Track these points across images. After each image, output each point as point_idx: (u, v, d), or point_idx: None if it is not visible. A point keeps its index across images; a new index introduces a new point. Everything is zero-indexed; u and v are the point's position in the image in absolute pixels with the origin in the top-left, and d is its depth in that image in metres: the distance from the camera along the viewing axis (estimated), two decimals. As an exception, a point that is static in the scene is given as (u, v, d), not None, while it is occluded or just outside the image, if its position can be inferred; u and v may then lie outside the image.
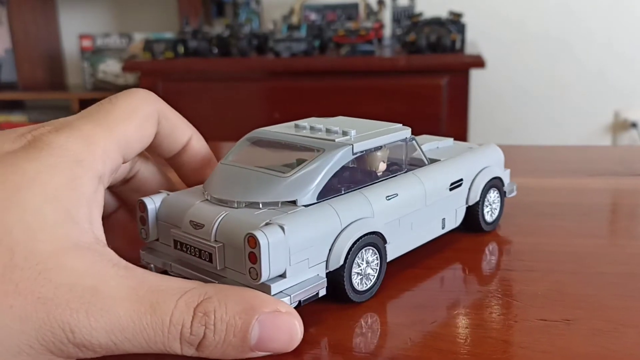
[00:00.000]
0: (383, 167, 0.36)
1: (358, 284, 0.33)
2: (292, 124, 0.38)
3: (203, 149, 0.37)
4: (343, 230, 0.32)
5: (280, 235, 0.29)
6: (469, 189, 0.41)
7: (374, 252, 0.33)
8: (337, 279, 0.32)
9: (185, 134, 0.36)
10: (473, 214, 0.41)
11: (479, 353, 0.29)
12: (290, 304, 0.29)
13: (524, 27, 1.90)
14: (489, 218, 0.43)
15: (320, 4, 1.91)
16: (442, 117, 1.44)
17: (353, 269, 0.32)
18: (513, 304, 0.34)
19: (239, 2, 1.98)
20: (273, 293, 0.29)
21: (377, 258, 0.34)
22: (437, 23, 1.50)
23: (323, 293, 0.31)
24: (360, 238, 0.32)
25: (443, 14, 1.59)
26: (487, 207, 0.42)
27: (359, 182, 0.35)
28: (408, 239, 0.37)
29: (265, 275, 0.28)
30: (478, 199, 0.41)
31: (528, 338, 0.30)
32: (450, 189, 0.39)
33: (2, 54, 2.22)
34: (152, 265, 0.34)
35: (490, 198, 0.43)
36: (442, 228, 0.39)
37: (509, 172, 0.45)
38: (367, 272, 0.33)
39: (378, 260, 0.34)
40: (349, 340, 0.30)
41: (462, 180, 0.40)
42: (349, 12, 1.88)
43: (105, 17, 2.26)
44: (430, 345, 0.30)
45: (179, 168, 0.38)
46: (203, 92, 1.58)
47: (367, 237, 0.33)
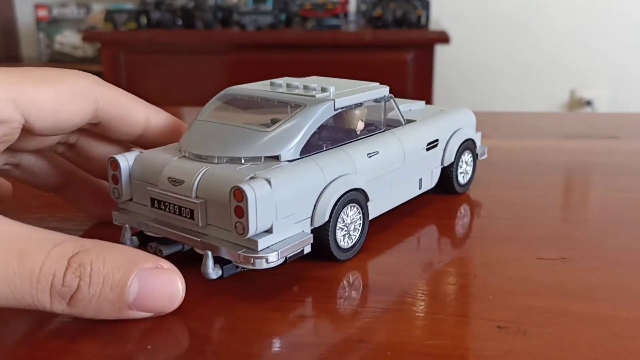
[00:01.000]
0: (361, 125, 0.36)
1: (342, 241, 0.32)
2: (267, 82, 0.37)
3: (167, 123, 0.36)
4: (327, 186, 0.31)
5: (267, 189, 0.28)
6: (444, 150, 0.41)
7: (357, 209, 0.33)
8: (321, 236, 0.31)
9: (140, 115, 0.34)
10: (447, 175, 0.41)
11: (484, 286, 0.31)
12: (278, 260, 0.28)
13: (486, 5, 1.93)
14: (462, 180, 0.43)
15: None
16: (407, 91, 1.43)
17: (337, 225, 0.32)
18: (511, 246, 0.36)
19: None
20: (260, 248, 0.28)
21: (360, 215, 0.33)
22: (403, -1, 1.51)
23: (308, 250, 0.31)
24: (345, 194, 0.32)
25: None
26: (460, 168, 0.42)
27: (340, 139, 0.34)
28: (388, 198, 0.36)
29: (253, 230, 0.27)
30: (453, 160, 0.41)
31: (528, 273, 0.32)
32: (427, 149, 0.39)
33: (-48, 25, 2.11)
34: (127, 226, 0.32)
35: (464, 160, 0.43)
36: (419, 188, 0.39)
37: (480, 134, 0.45)
38: (350, 229, 0.33)
39: (361, 218, 0.33)
40: (333, 299, 0.30)
41: (437, 141, 0.40)
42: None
43: (62, -15, 2.17)
44: (435, 290, 0.29)
45: (148, 145, 0.36)
46: (166, 64, 1.54)
47: (350, 193, 0.32)
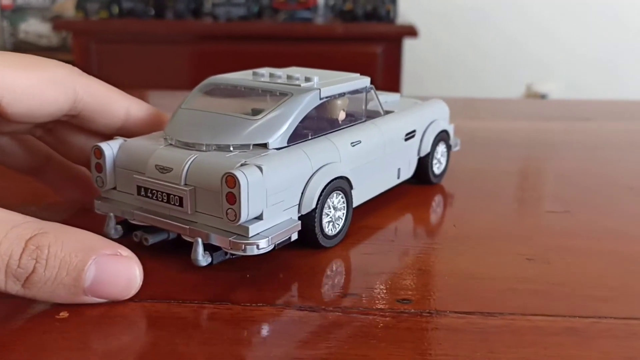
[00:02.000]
0: (343, 115, 0.36)
1: (327, 228, 0.33)
2: (249, 72, 0.37)
3: (147, 114, 0.35)
4: (314, 174, 0.32)
5: (259, 175, 0.28)
6: (421, 141, 0.42)
7: (342, 197, 0.33)
8: (308, 223, 0.32)
9: (121, 107, 0.34)
10: (424, 165, 0.42)
11: (509, 232, 0.38)
12: (268, 246, 0.29)
13: (448, 1, 1.97)
14: (437, 170, 0.44)
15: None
16: (377, 83, 1.42)
17: (323, 212, 0.32)
18: (522, 203, 0.44)
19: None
20: (251, 234, 0.28)
21: (344, 203, 0.34)
22: (372, -7, 1.55)
23: (295, 237, 0.31)
24: (331, 182, 0.32)
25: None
26: (435, 159, 0.43)
27: (323, 129, 0.35)
28: (369, 186, 0.37)
29: (245, 216, 0.28)
30: (429, 151, 0.42)
31: (543, 221, 0.40)
32: (405, 140, 0.40)
33: None
34: (111, 215, 0.32)
35: (438, 151, 0.44)
36: (397, 178, 0.40)
37: (454, 126, 0.46)
38: (336, 216, 0.33)
39: (345, 205, 0.34)
40: (318, 286, 0.30)
41: (415, 132, 0.41)
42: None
43: (27, -28, 2.10)
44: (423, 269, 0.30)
45: (130, 136, 0.36)
46: (138, 54, 1.51)
47: (335, 181, 0.33)
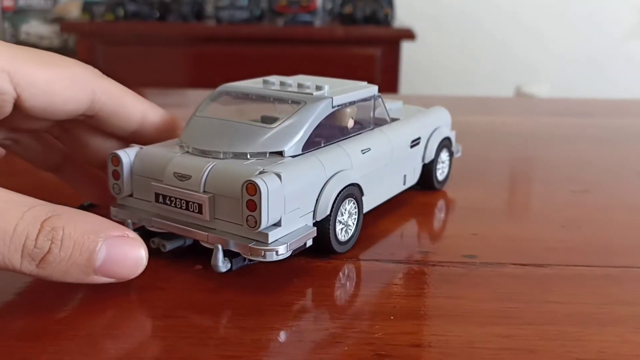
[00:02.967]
0: (352, 123, 0.37)
1: (340, 234, 0.33)
2: (259, 80, 0.38)
3: (162, 120, 0.36)
4: (328, 181, 0.32)
5: (278, 183, 0.29)
6: (425, 148, 0.43)
7: (354, 203, 0.34)
8: (322, 229, 0.32)
9: (136, 111, 0.35)
10: (428, 172, 0.43)
11: (542, 207, 0.45)
12: (287, 252, 0.29)
13: (441, 3, 2.01)
14: (440, 177, 0.45)
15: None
16: (376, 84, 1.46)
17: (337, 218, 0.33)
18: (544, 183, 0.51)
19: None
20: (270, 241, 0.29)
21: (356, 209, 0.34)
22: (370, -3, 1.59)
23: (310, 243, 0.32)
24: (344, 189, 0.33)
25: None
26: (439, 165, 0.44)
27: (334, 136, 0.35)
28: (378, 193, 0.38)
29: (265, 223, 0.28)
30: (433, 157, 0.43)
31: (569, 198, 0.46)
32: (411, 147, 0.41)
33: None
34: (129, 221, 0.33)
35: (442, 157, 0.45)
36: (403, 184, 0.41)
37: (455, 133, 0.47)
38: (348, 222, 0.34)
39: (357, 212, 0.35)
40: (331, 290, 0.31)
41: (420, 139, 0.42)
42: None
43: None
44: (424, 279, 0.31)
45: (144, 142, 0.36)
46: (143, 55, 1.54)
47: (348, 188, 0.33)
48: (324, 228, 0.32)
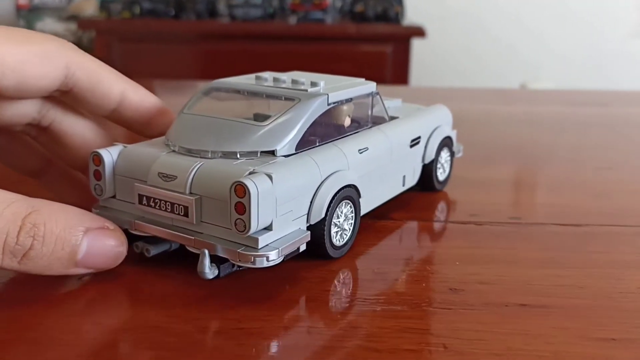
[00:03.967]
0: (349, 121, 0.35)
1: (335, 238, 0.32)
2: (252, 76, 0.36)
3: (145, 100, 0.34)
4: (323, 182, 0.30)
5: (268, 184, 0.27)
6: (425, 147, 0.41)
7: (350, 206, 0.32)
8: (317, 233, 0.30)
9: (116, 88, 0.33)
10: (428, 172, 0.41)
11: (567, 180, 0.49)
12: (278, 258, 0.27)
13: (444, 3, 2.01)
14: (441, 177, 0.43)
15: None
16: (387, 81, 1.52)
17: (333, 222, 0.31)
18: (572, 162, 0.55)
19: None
20: (260, 246, 0.27)
21: (352, 212, 0.33)
22: (381, -5, 1.63)
23: (303, 248, 0.30)
24: (340, 190, 0.31)
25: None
26: (439, 165, 0.43)
27: (330, 135, 0.33)
28: (376, 195, 0.36)
29: (254, 227, 0.26)
30: (433, 157, 0.41)
31: (596, 172, 0.51)
32: (411, 146, 0.39)
33: None
34: (110, 224, 0.31)
35: (443, 157, 0.43)
36: (402, 185, 0.39)
37: (456, 132, 0.45)
38: (344, 226, 0.32)
39: (353, 214, 0.33)
40: (326, 298, 0.29)
41: (420, 138, 0.40)
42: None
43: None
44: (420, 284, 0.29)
45: (124, 123, 0.35)
46: (158, 52, 1.57)
47: (344, 190, 0.31)
48: (319, 232, 0.30)
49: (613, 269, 0.32)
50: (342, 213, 0.32)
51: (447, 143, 0.43)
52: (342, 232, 0.32)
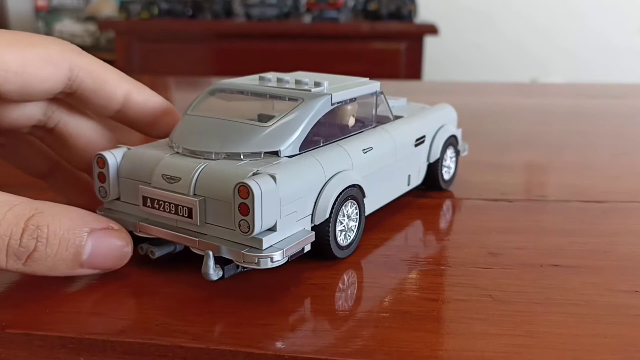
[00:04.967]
0: (353, 121, 0.35)
1: (340, 238, 0.31)
2: (255, 77, 0.36)
3: (150, 101, 0.34)
4: (327, 183, 0.30)
5: (272, 185, 0.27)
6: (430, 147, 0.41)
7: (355, 206, 0.32)
8: (321, 233, 0.30)
9: (120, 89, 0.33)
10: (433, 171, 0.41)
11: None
12: (282, 259, 0.27)
13: (456, 0, 2.03)
14: (446, 176, 0.43)
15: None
16: (400, 78, 1.54)
17: (337, 221, 0.31)
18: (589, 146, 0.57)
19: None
20: (265, 247, 0.27)
21: (357, 212, 0.33)
22: (394, -6, 1.66)
23: (308, 248, 0.30)
24: (344, 190, 0.31)
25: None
26: (444, 164, 0.42)
27: (334, 135, 0.33)
28: (381, 194, 0.36)
29: (258, 228, 0.26)
30: (439, 157, 0.41)
31: (610, 158, 0.54)
32: (415, 145, 0.39)
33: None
34: (115, 226, 0.31)
35: (447, 156, 0.43)
36: (407, 185, 0.39)
37: (461, 131, 0.45)
38: (349, 226, 0.32)
39: (358, 215, 0.33)
40: (331, 299, 0.29)
41: (425, 137, 0.40)
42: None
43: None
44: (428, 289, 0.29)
45: (132, 125, 0.35)
46: (177, 51, 1.61)
47: (348, 190, 0.31)
48: (323, 232, 0.30)
49: (634, 237, 0.36)
50: (346, 213, 0.32)
51: (452, 142, 0.43)
52: (347, 232, 0.32)
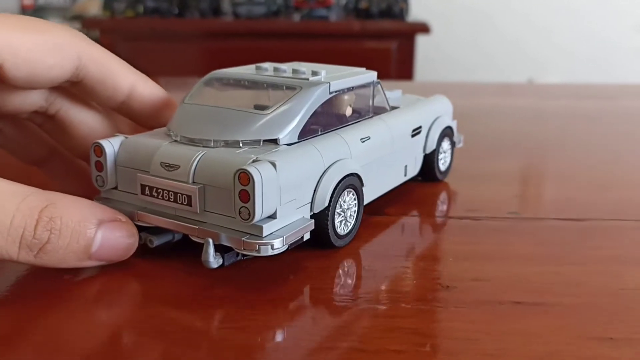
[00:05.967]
0: (350, 111, 0.35)
1: (339, 227, 0.31)
2: (252, 66, 0.36)
3: (154, 94, 0.34)
4: (326, 171, 0.30)
5: (272, 172, 0.27)
6: (426, 137, 0.41)
7: (353, 195, 0.32)
8: (321, 222, 0.30)
9: (126, 80, 0.33)
10: (430, 162, 0.41)
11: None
12: (282, 246, 0.27)
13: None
14: (442, 167, 0.43)
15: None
16: (391, 78, 1.52)
17: (336, 210, 0.31)
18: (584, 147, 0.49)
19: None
20: (265, 234, 0.27)
21: (355, 201, 0.33)
22: (386, -8, 1.63)
23: (307, 237, 0.30)
24: (343, 179, 0.31)
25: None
26: (440, 155, 0.43)
27: (332, 124, 0.33)
28: (378, 184, 0.36)
29: (259, 215, 0.26)
30: (435, 147, 0.41)
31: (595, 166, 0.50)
32: (412, 136, 0.39)
33: None
34: (113, 215, 0.30)
35: (443, 147, 0.43)
36: (404, 175, 0.39)
37: (456, 122, 0.45)
38: (347, 215, 0.32)
39: (356, 204, 0.33)
40: (330, 288, 0.29)
41: (421, 128, 0.40)
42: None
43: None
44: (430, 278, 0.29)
45: (132, 116, 0.35)
46: (163, 51, 1.58)
47: (347, 178, 0.31)
48: (322, 221, 0.30)
49: (612, 265, 0.31)
50: (345, 202, 0.32)
51: (447, 133, 0.43)
52: (345, 220, 0.32)
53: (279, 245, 0.27)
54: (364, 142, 0.34)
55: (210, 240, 0.27)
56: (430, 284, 0.29)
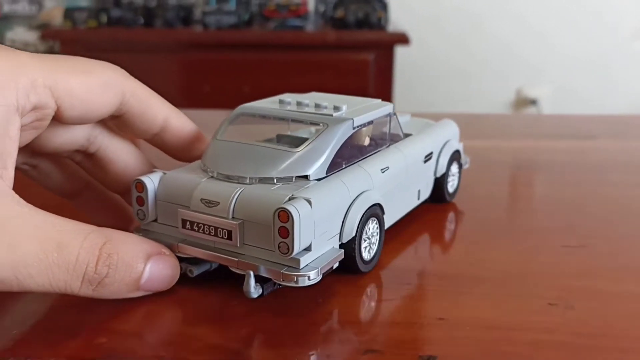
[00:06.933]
0: (368, 141, 0.37)
1: (364, 254, 0.34)
2: (275, 99, 0.38)
3: (186, 128, 0.36)
4: (353, 203, 0.33)
5: (308, 209, 0.29)
6: (437, 162, 0.43)
7: (376, 223, 0.35)
8: (349, 250, 0.32)
9: (160, 114, 0.35)
10: (440, 185, 0.44)
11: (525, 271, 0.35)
12: (318, 276, 0.30)
13: (441, 3, 1.96)
14: (451, 189, 0.45)
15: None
16: (369, 91, 1.47)
17: (362, 238, 0.33)
18: (534, 236, 0.41)
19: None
20: (302, 266, 0.29)
21: (378, 228, 0.35)
22: (363, 0, 1.55)
23: (336, 265, 0.32)
24: (367, 209, 0.33)
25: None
26: (449, 178, 0.45)
27: (354, 156, 0.36)
28: (396, 210, 0.38)
29: (297, 249, 0.28)
30: (444, 171, 0.44)
31: (558, 258, 0.38)
32: (424, 162, 0.41)
33: None
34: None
35: (452, 170, 0.45)
36: (417, 199, 0.41)
37: (463, 145, 0.48)
38: (371, 242, 0.34)
39: (379, 230, 0.35)
40: (357, 310, 0.31)
41: (432, 153, 0.42)
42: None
43: (12, -19, 2.04)
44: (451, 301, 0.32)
45: (163, 147, 0.36)
46: (128, 63, 1.53)
47: (371, 208, 0.34)
48: (350, 249, 0.33)
49: None
50: (369, 230, 0.34)
51: (456, 156, 0.45)
52: (370, 247, 0.34)
53: (315, 277, 0.29)
54: (384, 172, 0.36)
55: (252, 273, 0.29)
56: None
